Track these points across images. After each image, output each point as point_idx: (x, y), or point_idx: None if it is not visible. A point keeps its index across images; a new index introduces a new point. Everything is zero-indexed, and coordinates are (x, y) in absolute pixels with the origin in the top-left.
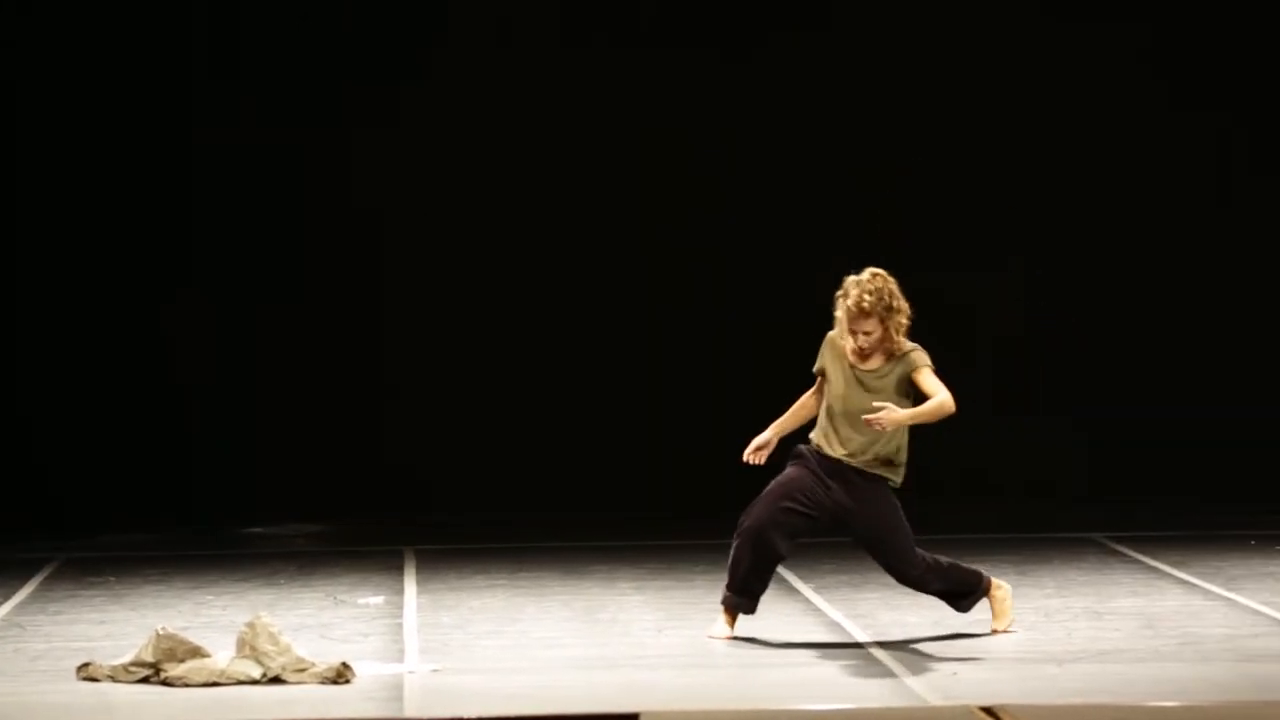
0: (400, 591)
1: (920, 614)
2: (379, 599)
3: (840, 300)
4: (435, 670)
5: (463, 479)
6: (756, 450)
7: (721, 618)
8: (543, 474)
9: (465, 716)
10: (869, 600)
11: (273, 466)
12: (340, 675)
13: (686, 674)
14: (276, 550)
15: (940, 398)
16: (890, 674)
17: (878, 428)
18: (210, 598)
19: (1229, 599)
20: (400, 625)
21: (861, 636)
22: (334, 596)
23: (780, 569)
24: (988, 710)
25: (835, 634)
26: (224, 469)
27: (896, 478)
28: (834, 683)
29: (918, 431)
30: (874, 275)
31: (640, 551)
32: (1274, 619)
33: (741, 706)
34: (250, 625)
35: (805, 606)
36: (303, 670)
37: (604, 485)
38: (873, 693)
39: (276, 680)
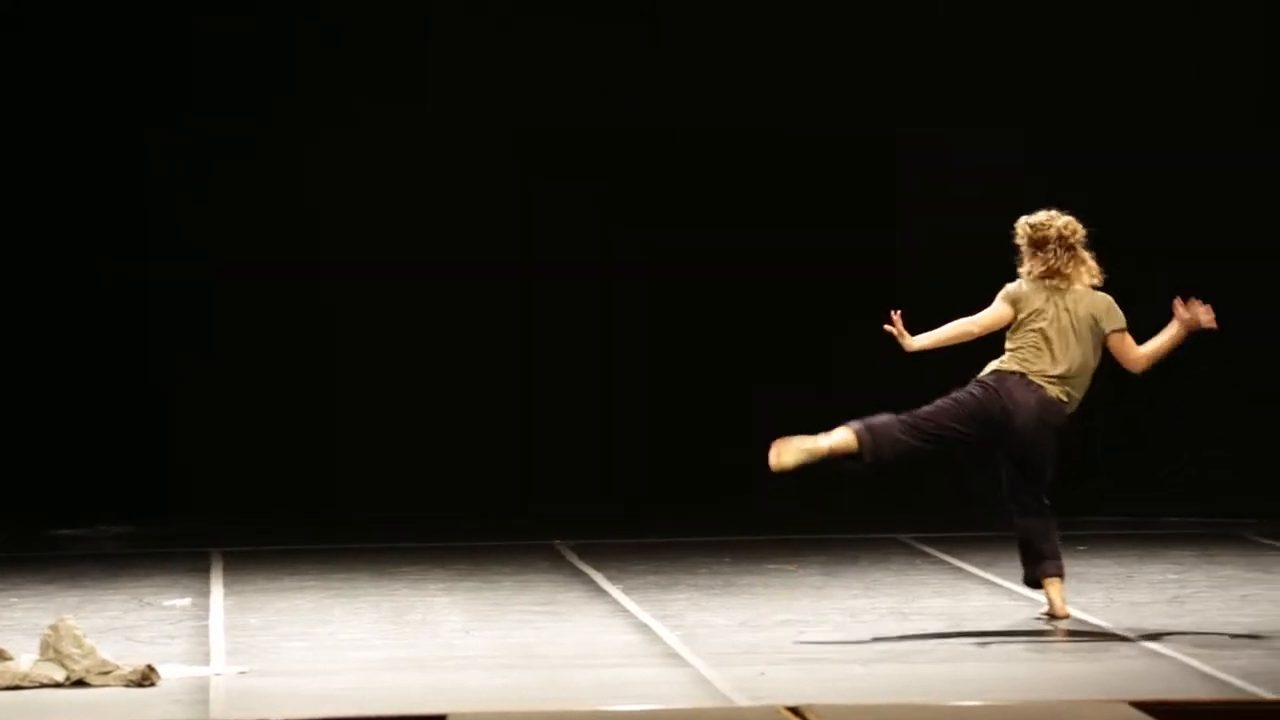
0: (207, 593)
1: (728, 615)
2: (185, 601)
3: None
4: (242, 672)
5: (272, 480)
6: None
7: None
8: (352, 475)
9: (272, 719)
10: (677, 601)
11: (80, 467)
12: (145, 678)
13: (495, 675)
14: (83, 552)
15: None
16: (698, 674)
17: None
18: (14, 600)
19: (1033, 599)
20: (207, 627)
21: (670, 637)
22: (140, 598)
23: (589, 570)
24: (794, 710)
25: (644, 635)
26: (32, 469)
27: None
28: (642, 684)
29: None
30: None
31: (449, 553)
32: (1078, 618)
33: (549, 708)
34: (54, 628)
35: (614, 608)
36: (107, 673)
37: (414, 486)
38: (680, 693)
39: (80, 683)
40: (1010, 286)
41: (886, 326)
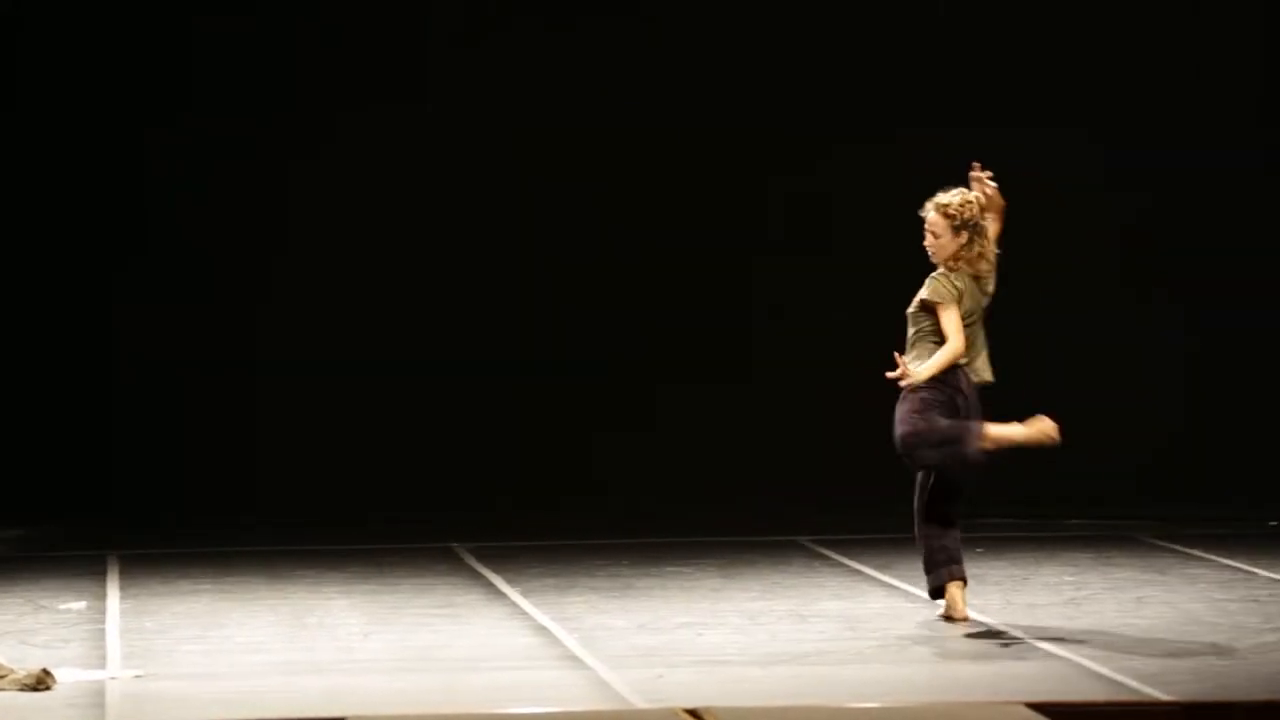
0: (103, 596)
1: (627, 617)
2: (81, 604)
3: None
4: (138, 676)
5: (166, 483)
6: None
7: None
8: (251, 478)
9: None
10: (576, 604)
11: None
12: (41, 682)
13: (393, 678)
14: None
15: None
16: (596, 677)
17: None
18: None
19: (931, 601)
20: (103, 631)
21: (568, 640)
22: (35, 602)
23: (487, 573)
24: (692, 712)
25: (542, 637)
26: None
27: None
28: (541, 686)
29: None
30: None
31: (347, 556)
32: (976, 620)
33: (447, 711)
34: None
35: (512, 610)
36: (2, 677)
37: (310, 491)
38: (579, 695)
39: None
40: (947, 285)
41: (889, 375)
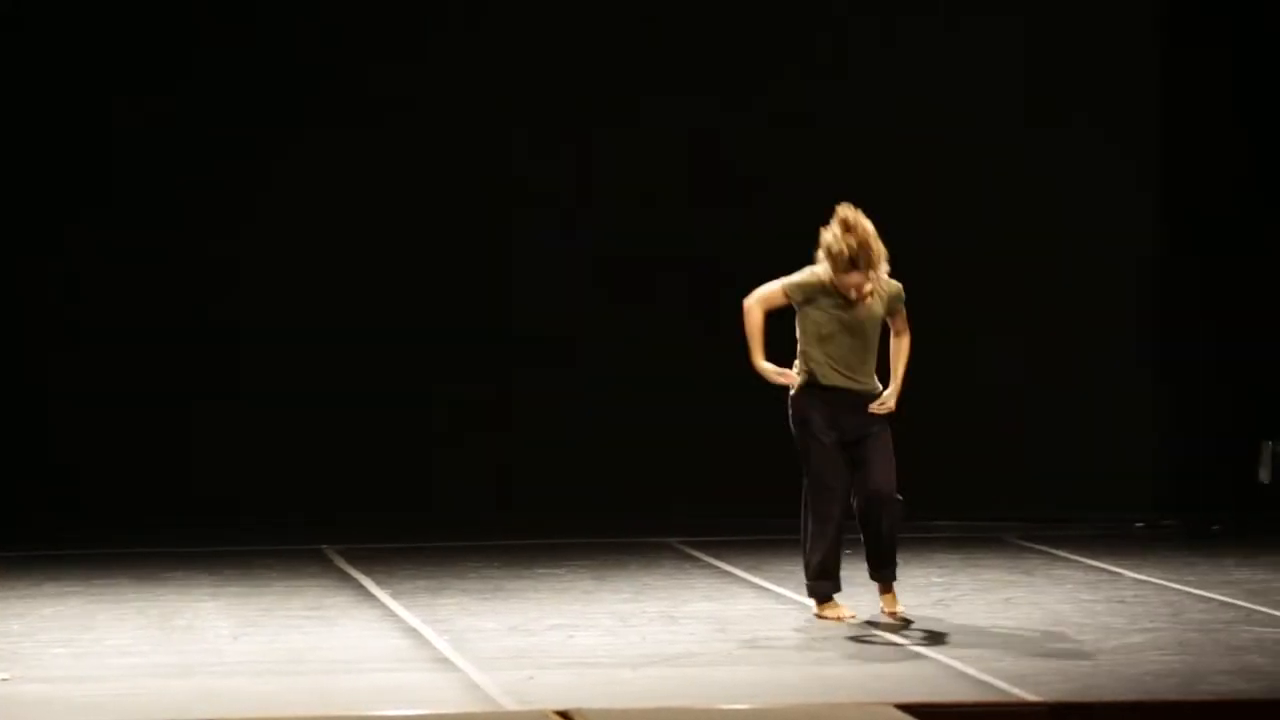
0: None
1: (498, 619)
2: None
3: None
4: (3, 679)
5: (32, 485)
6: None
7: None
8: (119, 480)
9: None
10: (447, 606)
11: None
12: None
13: (263, 681)
14: None
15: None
16: (467, 679)
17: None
18: None
19: (800, 602)
20: None
21: (439, 642)
22: None
23: (358, 575)
24: (563, 714)
25: (413, 639)
26: None
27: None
28: (411, 688)
29: None
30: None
31: (216, 558)
32: (846, 621)
33: (317, 713)
34: None
35: (383, 612)
36: None
37: (179, 492)
38: (450, 698)
39: None
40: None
41: (874, 407)
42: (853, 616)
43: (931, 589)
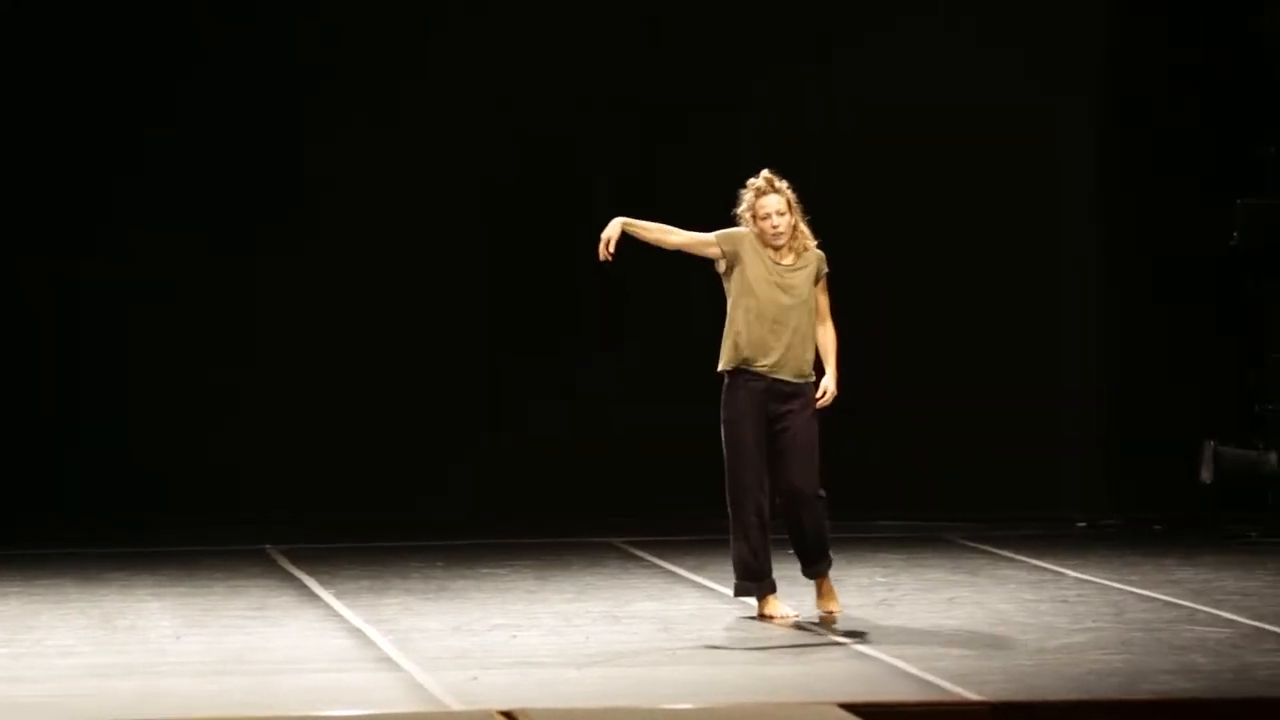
0: None
1: (441, 619)
2: None
3: (748, 192)
4: None
5: None
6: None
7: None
8: (62, 478)
9: None
10: (390, 605)
11: None
12: None
13: (205, 681)
14: None
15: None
16: (411, 679)
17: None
18: None
19: (744, 602)
20: None
21: (382, 642)
22: None
23: (301, 575)
24: (506, 714)
25: (356, 639)
26: None
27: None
28: (355, 688)
29: None
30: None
31: (158, 558)
32: (789, 621)
33: (260, 714)
34: None
35: (326, 612)
36: None
37: (121, 492)
38: (393, 698)
39: None
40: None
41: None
42: (796, 616)
43: (875, 588)
